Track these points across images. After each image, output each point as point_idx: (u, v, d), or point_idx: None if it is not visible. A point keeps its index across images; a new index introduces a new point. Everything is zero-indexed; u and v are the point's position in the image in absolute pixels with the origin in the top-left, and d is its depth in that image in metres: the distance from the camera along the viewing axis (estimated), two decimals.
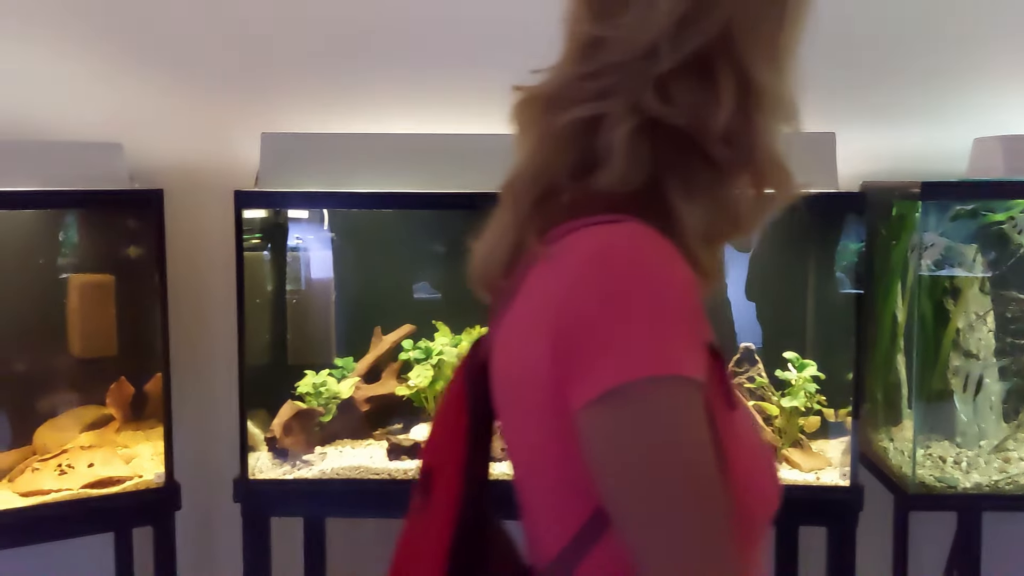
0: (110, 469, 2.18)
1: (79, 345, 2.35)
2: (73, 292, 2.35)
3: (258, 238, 2.42)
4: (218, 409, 2.62)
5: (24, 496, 2.11)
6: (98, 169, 2.27)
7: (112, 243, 2.40)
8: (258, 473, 2.22)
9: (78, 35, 2.49)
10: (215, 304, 2.58)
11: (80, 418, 2.35)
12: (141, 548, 2.57)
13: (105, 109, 2.53)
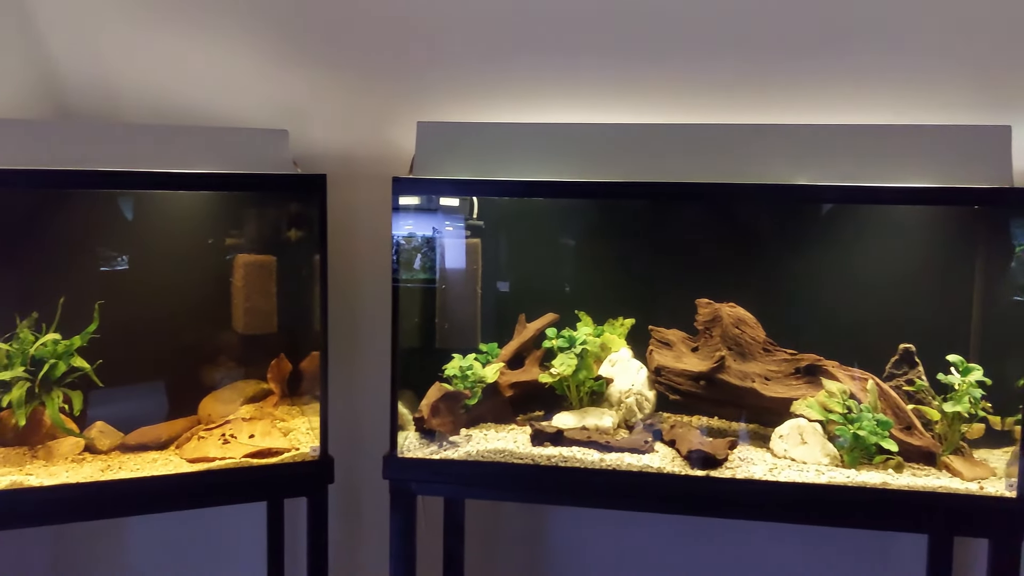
0: (269, 441, 2.30)
1: (242, 322, 2.48)
2: (238, 271, 2.48)
3: (411, 224, 2.49)
4: (368, 388, 2.72)
5: (191, 462, 2.25)
6: (264, 154, 2.38)
7: (275, 225, 2.52)
8: (406, 452, 2.29)
9: (247, 29, 2.62)
10: (369, 287, 2.67)
11: (241, 391, 2.48)
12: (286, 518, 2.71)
13: (271, 98, 2.66)
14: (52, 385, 2.23)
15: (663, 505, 2.19)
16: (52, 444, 2.26)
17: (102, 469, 2.19)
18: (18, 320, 2.28)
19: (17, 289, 2.40)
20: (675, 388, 2.39)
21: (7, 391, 2.21)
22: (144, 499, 2.17)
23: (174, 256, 2.53)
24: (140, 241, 2.51)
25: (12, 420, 2.22)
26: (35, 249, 2.44)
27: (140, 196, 2.48)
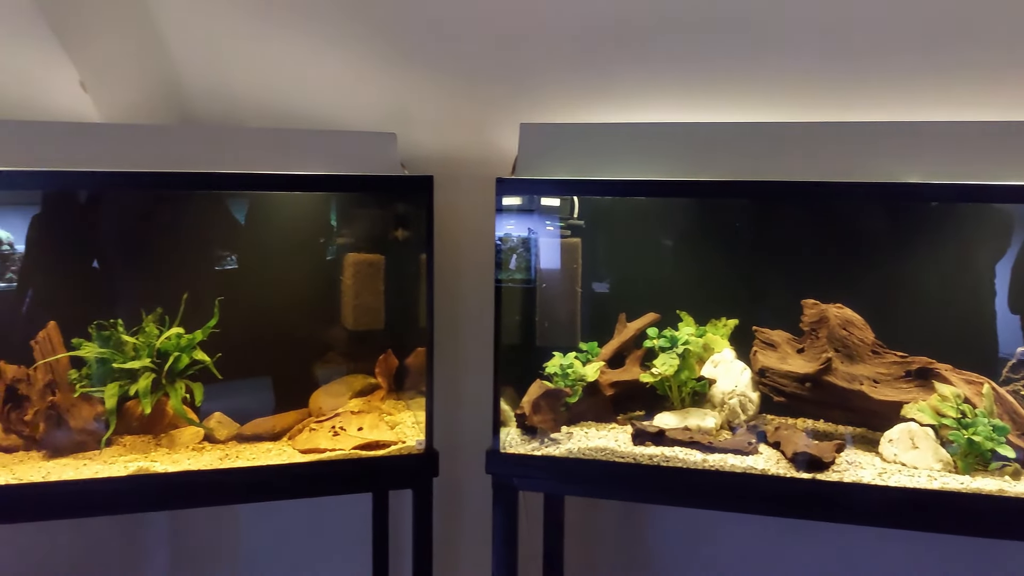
0: (377, 433, 2.37)
1: (351, 318, 2.57)
2: (348, 269, 2.57)
3: (513, 224, 2.53)
4: (468, 384, 2.78)
5: (303, 452, 2.34)
6: (373, 157, 2.46)
7: (383, 225, 2.60)
8: (508, 447, 2.33)
9: (357, 36, 2.69)
10: (470, 285, 2.73)
11: (350, 385, 2.57)
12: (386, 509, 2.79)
13: (380, 102, 2.74)
14: (175, 377, 2.36)
15: (767, 507, 2.17)
16: (174, 433, 2.39)
17: (220, 457, 2.30)
18: (144, 315, 2.42)
19: (143, 286, 2.55)
20: (780, 390, 2.36)
21: (134, 381, 2.35)
22: (259, 487, 2.27)
23: (288, 255, 2.64)
24: (256, 241, 2.63)
25: (138, 409, 2.36)
26: (159, 248, 2.59)
27: (255, 197, 2.60)
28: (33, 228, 2.58)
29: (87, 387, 2.31)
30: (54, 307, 2.45)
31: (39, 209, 2.58)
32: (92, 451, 2.28)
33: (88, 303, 2.56)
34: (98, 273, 2.67)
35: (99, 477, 2.14)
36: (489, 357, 2.39)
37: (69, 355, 2.31)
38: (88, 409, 2.33)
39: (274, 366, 2.64)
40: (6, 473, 2.14)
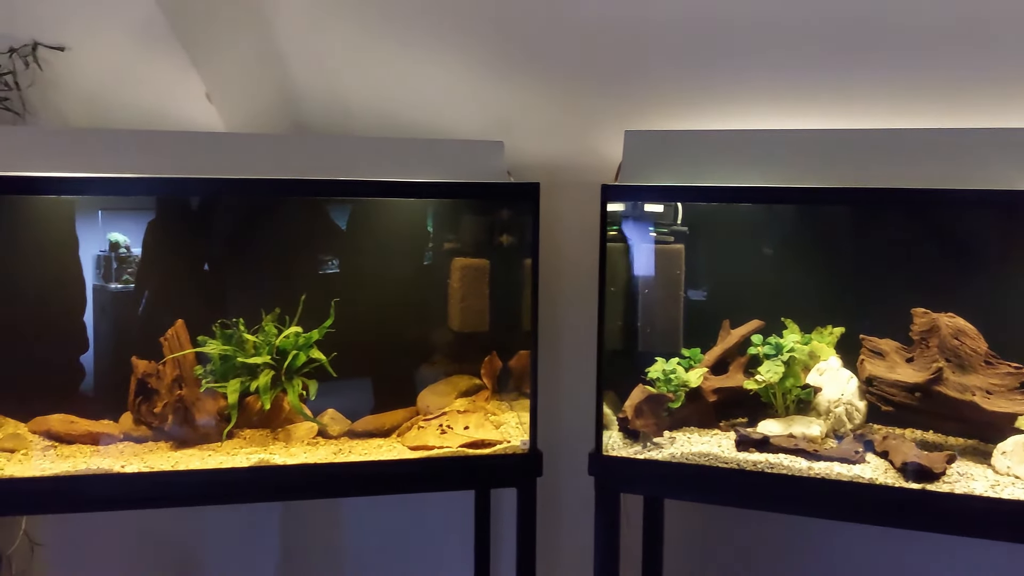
0: (483, 432, 2.44)
1: (458, 321, 2.65)
2: (455, 273, 2.65)
3: (615, 230, 2.57)
4: (569, 387, 2.82)
5: (412, 449, 2.42)
6: (481, 164, 2.53)
7: (489, 231, 2.67)
8: (611, 450, 2.36)
9: (463, 45, 2.77)
10: (572, 289, 2.78)
11: (456, 385, 2.64)
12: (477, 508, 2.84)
13: (486, 111, 2.82)
14: (293, 374, 2.48)
15: (875, 516, 2.15)
16: (290, 427, 2.50)
17: (334, 452, 2.40)
18: (263, 314, 2.54)
19: (262, 287, 2.68)
20: (887, 399, 2.33)
21: (254, 378, 2.48)
22: (371, 481, 2.36)
23: (397, 259, 2.74)
24: (366, 246, 2.74)
25: (258, 404, 2.48)
26: (277, 251, 2.72)
27: (367, 204, 2.70)
28: (151, 232, 2.74)
29: (211, 383, 2.44)
30: (181, 307, 2.60)
31: (164, 213, 2.74)
32: (215, 443, 2.41)
33: (209, 303, 2.72)
34: (213, 275, 2.83)
35: (223, 468, 2.27)
36: (589, 361, 2.43)
37: (195, 351, 2.46)
38: (211, 403, 2.46)
39: (382, 365, 2.74)
40: (138, 461, 2.28)
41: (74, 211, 2.67)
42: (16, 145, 2.42)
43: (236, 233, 2.80)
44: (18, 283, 2.62)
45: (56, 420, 2.40)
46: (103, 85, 2.74)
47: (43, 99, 2.78)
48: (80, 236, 2.68)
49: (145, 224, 2.73)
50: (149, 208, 2.74)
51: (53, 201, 2.60)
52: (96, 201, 2.70)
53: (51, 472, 2.20)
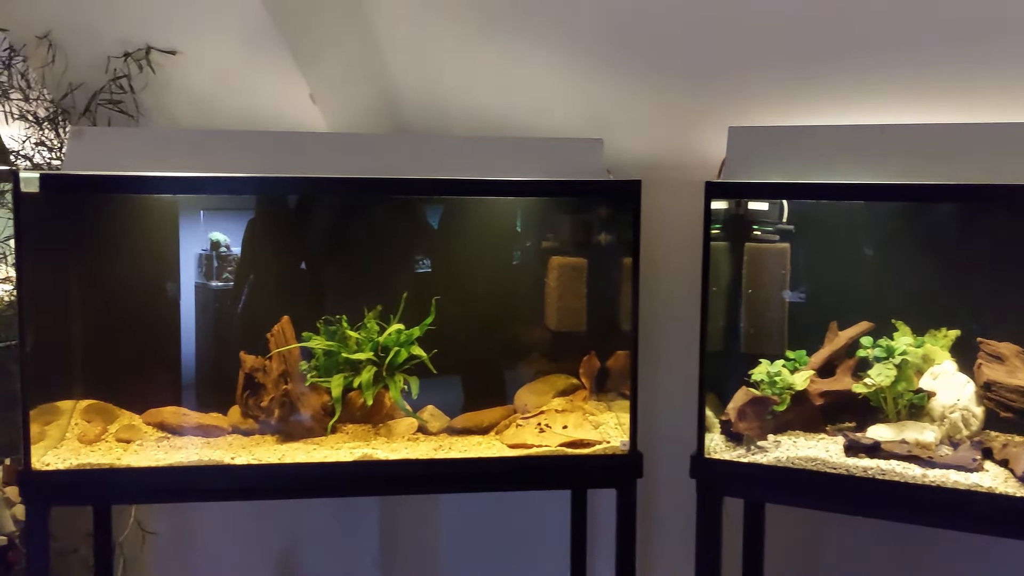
0: (581, 432, 2.42)
1: (555, 320, 2.64)
2: (552, 272, 2.65)
3: (717, 228, 2.52)
4: (667, 387, 2.78)
5: (511, 447, 2.43)
6: (580, 162, 2.52)
7: (587, 230, 2.66)
8: (713, 453, 2.32)
9: (559, 43, 2.76)
10: (670, 288, 2.74)
11: (553, 384, 2.64)
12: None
13: (583, 108, 2.81)
14: (394, 370, 2.51)
15: (995, 528, 2.05)
16: (391, 423, 2.53)
17: (435, 448, 2.42)
18: (366, 311, 2.58)
19: (362, 284, 2.73)
20: (1007, 405, 2.23)
21: (357, 373, 2.52)
22: (471, 478, 2.38)
23: (494, 258, 2.75)
24: (465, 244, 2.76)
25: (360, 399, 2.52)
26: (376, 250, 2.76)
27: (464, 203, 2.72)
28: (253, 230, 2.82)
29: (316, 377, 2.49)
30: (285, 303, 2.67)
31: (267, 212, 2.81)
32: (319, 437, 2.46)
33: (311, 300, 2.78)
34: (314, 273, 2.89)
35: (328, 461, 2.31)
36: (687, 361, 2.40)
37: (300, 346, 2.51)
38: (315, 398, 2.51)
39: (479, 363, 2.75)
40: (246, 454, 2.34)
41: (179, 210, 2.77)
42: (129, 146, 2.53)
43: (337, 232, 2.85)
44: (130, 279, 2.73)
45: (169, 412, 2.49)
46: (212, 87, 2.83)
47: (155, 101, 2.88)
48: (185, 235, 2.78)
49: (245, 224, 2.81)
50: (248, 208, 2.82)
51: (161, 200, 2.69)
52: (199, 201, 2.79)
53: (165, 463, 2.29)
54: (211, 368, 2.78)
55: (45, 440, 2.30)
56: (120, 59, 2.76)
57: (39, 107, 2.92)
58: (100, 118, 2.86)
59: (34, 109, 2.90)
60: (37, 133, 2.92)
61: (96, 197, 2.57)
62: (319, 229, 2.88)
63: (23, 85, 2.85)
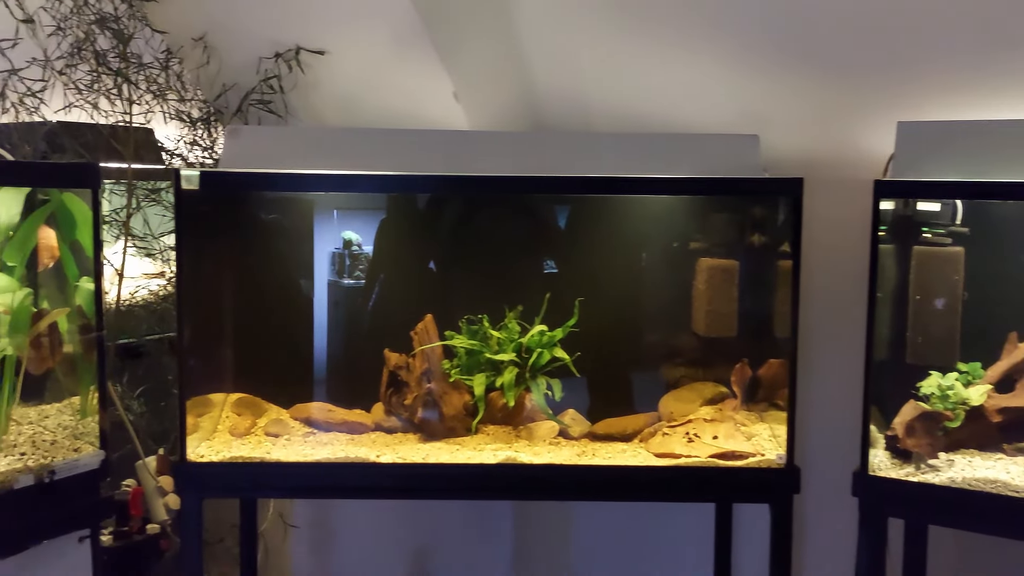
0: (733, 444, 2.31)
1: (703, 325, 2.53)
2: (701, 275, 2.54)
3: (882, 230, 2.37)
4: (822, 398, 2.64)
5: (657, 456, 2.34)
6: (734, 160, 2.41)
7: (739, 230, 2.54)
8: (877, 470, 2.18)
9: (710, 39, 2.66)
10: (831, 294, 2.59)
11: (700, 392, 2.53)
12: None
13: (731, 103, 2.69)
14: (537, 372, 2.46)
15: None
16: (532, 426, 2.48)
17: (578, 453, 2.35)
18: (507, 311, 2.54)
19: (499, 284, 2.69)
20: None
21: (499, 374, 2.48)
22: (615, 486, 2.30)
23: (638, 259, 2.67)
24: (608, 244, 2.68)
25: (501, 400, 2.48)
26: (514, 249, 2.72)
27: (608, 202, 2.64)
28: (387, 230, 2.82)
29: (459, 375, 2.47)
30: (424, 302, 2.66)
31: (407, 211, 2.82)
32: (461, 437, 2.43)
33: (450, 299, 2.76)
34: (452, 271, 2.87)
35: (472, 463, 2.28)
36: (846, 370, 2.26)
37: (442, 344, 2.49)
38: (457, 397, 2.49)
39: (621, 367, 2.68)
40: (390, 452, 2.34)
41: (317, 209, 2.80)
42: (282, 144, 2.56)
43: (473, 230, 2.83)
44: (274, 276, 2.78)
45: (315, 408, 2.51)
46: (358, 86, 2.85)
47: (303, 101, 2.92)
48: (322, 233, 2.82)
49: (379, 222, 2.82)
50: (380, 207, 2.82)
51: (299, 199, 2.73)
52: (333, 200, 2.82)
53: (313, 458, 2.31)
54: (350, 364, 2.81)
55: (198, 432, 2.36)
56: (271, 60, 2.82)
57: (192, 108, 3.02)
58: (250, 118, 2.93)
59: (188, 110, 3.00)
60: (191, 132, 3.03)
61: (245, 194, 2.64)
62: (456, 228, 2.87)
63: (178, 86, 2.96)
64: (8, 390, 2.16)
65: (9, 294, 2.12)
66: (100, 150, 2.84)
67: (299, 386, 2.71)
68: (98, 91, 2.78)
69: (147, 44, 2.85)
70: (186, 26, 2.86)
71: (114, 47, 2.79)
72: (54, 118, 2.81)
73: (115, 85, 2.80)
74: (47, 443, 2.21)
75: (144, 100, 2.85)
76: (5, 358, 2.13)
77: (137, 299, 3.09)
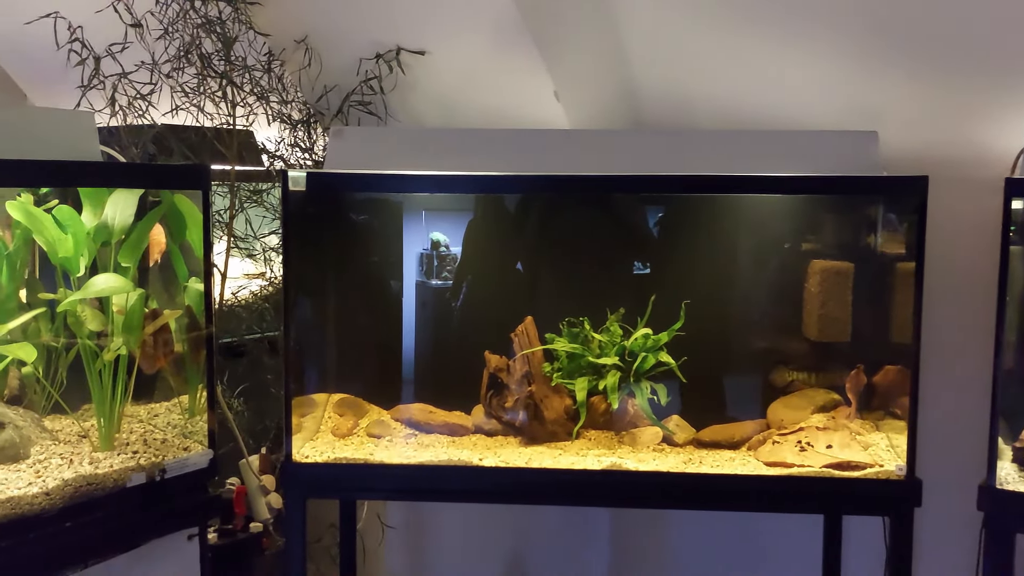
0: (849, 453, 2.21)
1: (815, 329, 2.43)
2: (813, 277, 2.44)
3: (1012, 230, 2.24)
4: (943, 408, 2.52)
5: (768, 465, 2.25)
6: (850, 157, 2.31)
7: (855, 231, 2.44)
8: (1004, 483, 2.06)
9: (826, 31, 2.55)
10: (950, 299, 2.47)
11: (811, 399, 2.43)
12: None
13: (849, 100, 2.58)
14: (641, 376, 2.40)
15: None
16: (635, 431, 2.42)
17: (684, 461, 2.29)
18: (608, 314, 2.49)
19: (609, 285, 2.64)
20: None
21: (600, 377, 2.43)
22: (725, 496, 2.22)
23: (745, 260, 2.58)
24: (711, 245, 2.60)
25: (603, 405, 2.43)
26: (622, 249, 2.67)
27: (713, 201, 2.56)
28: (471, 231, 2.80)
29: (560, 379, 2.43)
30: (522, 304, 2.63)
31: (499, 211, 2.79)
32: (562, 442, 2.39)
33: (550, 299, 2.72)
34: (540, 273, 2.83)
35: (575, 468, 2.23)
36: (968, 378, 2.15)
37: (543, 348, 2.45)
38: (558, 401, 2.44)
39: (726, 372, 2.60)
40: (492, 456, 2.31)
41: (415, 210, 2.80)
42: (387, 144, 2.56)
43: (572, 231, 2.78)
44: (371, 276, 2.79)
45: (416, 410, 2.50)
46: (457, 86, 2.83)
47: (401, 102, 2.92)
48: (417, 233, 2.81)
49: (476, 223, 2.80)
50: (468, 208, 2.80)
51: (400, 199, 2.73)
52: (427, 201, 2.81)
53: (415, 461, 2.29)
54: (445, 365, 2.79)
55: (302, 432, 2.37)
56: (371, 60, 2.83)
57: (293, 110, 3.05)
58: (350, 119, 2.94)
59: (288, 111, 3.03)
60: (291, 134, 3.06)
61: (346, 195, 2.65)
62: (551, 228, 2.82)
63: (279, 88, 2.99)
64: (121, 389, 2.20)
65: (123, 294, 2.16)
66: (204, 152, 2.89)
67: (396, 386, 2.71)
68: (203, 94, 2.84)
69: (250, 46, 2.89)
70: (288, 28, 2.88)
71: (218, 51, 2.83)
72: (160, 121, 2.87)
73: (219, 87, 2.85)
74: (157, 442, 2.25)
75: (247, 102, 2.90)
76: (119, 357, 2.18)
77: (238, 299, 3.15)
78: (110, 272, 2.16)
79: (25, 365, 2.23)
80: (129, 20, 2.74)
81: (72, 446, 2.18)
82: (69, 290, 2.17)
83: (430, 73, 2.81)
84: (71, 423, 2.29)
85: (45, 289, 2.24)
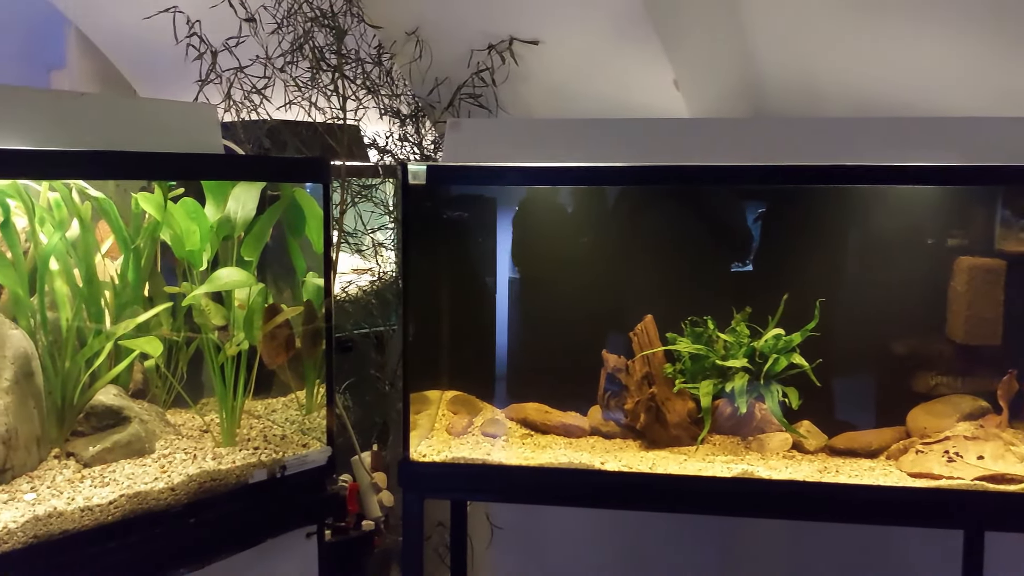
0: (1004, 465, 2.05)
1: (962, 331, 2.27)
2: (960, 275, 2.27)
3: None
4: None
5: (912, 476, 2.10)
6: (1003, 145, 2.13)
7: (1006, 226, 2.27)
8: None
9: (973, 16, 2.39)
10: None
11: (957, 406, 2.27)
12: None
13: (999, 84, 2.40)
14: (771, 379, 2.28)
15: None
16: (763, 437, 2.30)
17: (819, 470, 2.15)
18: (734, 313, 2.37)
19: (736, 282, 2.52)
20: None
21: (725, 380, 2.32)
22: (865, 508, 2.08)
23: (883, 256, 2.42)
24: (846, 240, 2.45)
25: (728, 408, 2.32)
26: (749, 245, 2.54)
27: (847, 193, 2.40)
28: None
29: (684, 383, 2.32)
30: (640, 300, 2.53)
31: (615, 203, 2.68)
32: (686, 447, 2.28)
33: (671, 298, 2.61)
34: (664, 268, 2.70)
35: (703, 475, 2.13)
36: None
37: (665, 349, 2.35)
38: (681, 404, 2.34)
39: (860, 375, 2.44)
40: (613, 460, 2.22)
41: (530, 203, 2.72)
42: (505, 136, 2.48)
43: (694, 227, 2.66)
44: (481, 270, 2.72)
45: (532, 409, 2.42)
46: (570, 77, 2.75)
47: (512, 94, 2.85)
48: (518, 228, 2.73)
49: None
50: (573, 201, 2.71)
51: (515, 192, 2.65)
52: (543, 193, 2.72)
53: (534, 463, 2.21)
54: (558, 364, 2.70)
55: (417, 430, 2.32)
56: (483, 51, 2.76)
57: (401, 103, 3.02)
58: (460, 112, 2.89)
59: (396, 105, 3.00)
60: (399, 128, 3.02)
61: (462, 189, 2.59)
62: (663, 223, 2.71)
63: (388, 82, 2.95)
64: (243, 384, 2.19)
65: (245, 289, 2.15)
66: (315, 147, 2.87)
67: (506, 384, 2.65)
68: (315, 88, 2.82)
69: (361, 38, 2.86)
70: (399, 20, 2.84)
71: (329, 44, 2.81)
72: (273, 115, 2.86)
73: (331, 81, 2.82)
74: (277, 438, 2.23)
75: (357, 96, 2.87)
76: (240, 352, 2.16)
77: (347, 294, 3.13)
78: (232, 266, 2.16)
79: (148, 359, 2.25)
80: (243, 15, 2.75)
81: (194, 441, 2.18)
82: (189, 284, 2.17)
83: (543, 63, 2.73)
84: (191, 417, 2.30)
85: (167, 284, 2.25)
